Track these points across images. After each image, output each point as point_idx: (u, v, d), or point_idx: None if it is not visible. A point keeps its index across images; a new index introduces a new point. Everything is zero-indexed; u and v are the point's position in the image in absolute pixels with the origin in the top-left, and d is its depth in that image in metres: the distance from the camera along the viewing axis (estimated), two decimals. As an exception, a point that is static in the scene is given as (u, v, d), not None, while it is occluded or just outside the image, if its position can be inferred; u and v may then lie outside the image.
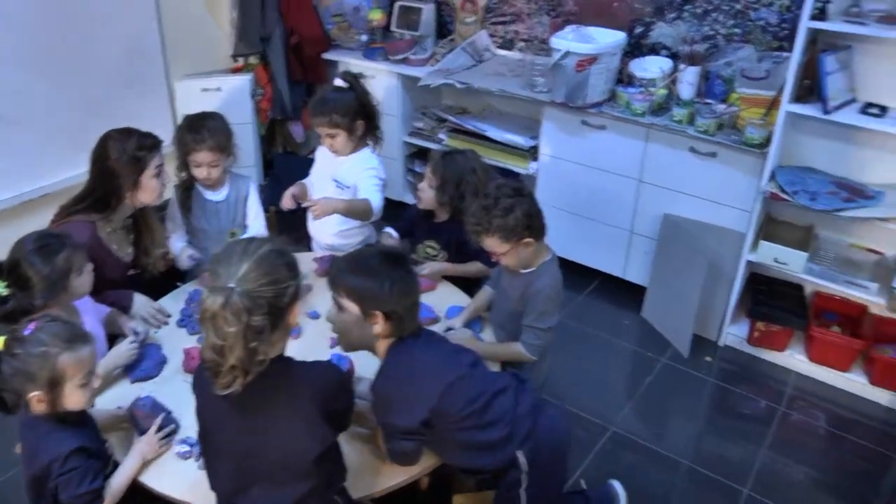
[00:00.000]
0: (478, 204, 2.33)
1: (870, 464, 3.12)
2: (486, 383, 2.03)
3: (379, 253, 2.01)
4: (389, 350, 1.97)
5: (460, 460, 2.05)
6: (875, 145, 3.28)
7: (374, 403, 1.99)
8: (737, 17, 3.60)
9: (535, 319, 2.38)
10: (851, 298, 3.44)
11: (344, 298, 1.93)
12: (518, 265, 2.39)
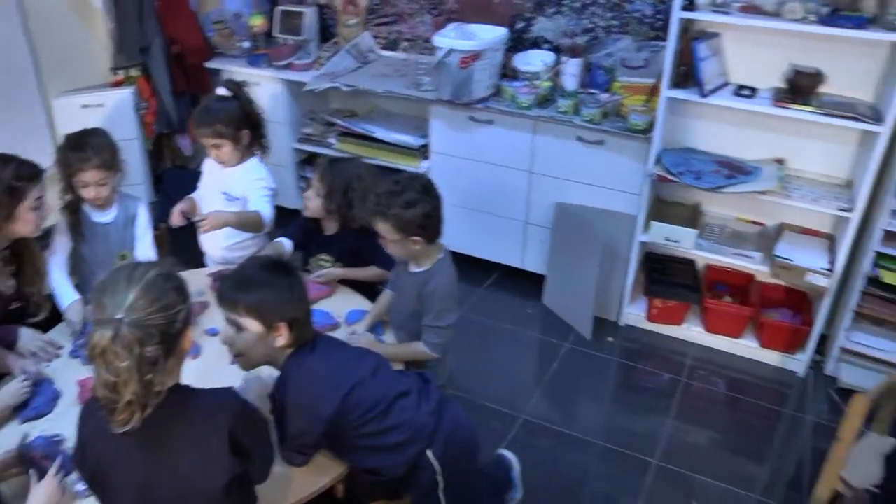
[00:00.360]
0: (386, 186, 2.34)
1: (765, 420, 3.31)
2: (388, 387, 2.04)
3: (264, 264, 1.99)
4: (288, 359, 1.96)
5: (362, 462, 2.04)
6: (750, 124, 3.46)
7: (273, 412, 1.97)
8: (614, 9, 3.73)
9: (434, 319, 2.41)
10: (739, 269, 3.63)
11: (244, 318, 1.90)
12: (402, 256, 2.42)
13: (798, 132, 3.40)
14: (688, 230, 3.47)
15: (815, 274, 3.30)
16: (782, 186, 3.28)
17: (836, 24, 2.97)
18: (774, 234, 3.59)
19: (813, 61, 3.23)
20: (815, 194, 3.29)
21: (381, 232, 2.36)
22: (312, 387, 1.93)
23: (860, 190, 3.16)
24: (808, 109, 3.14)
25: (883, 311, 3.28)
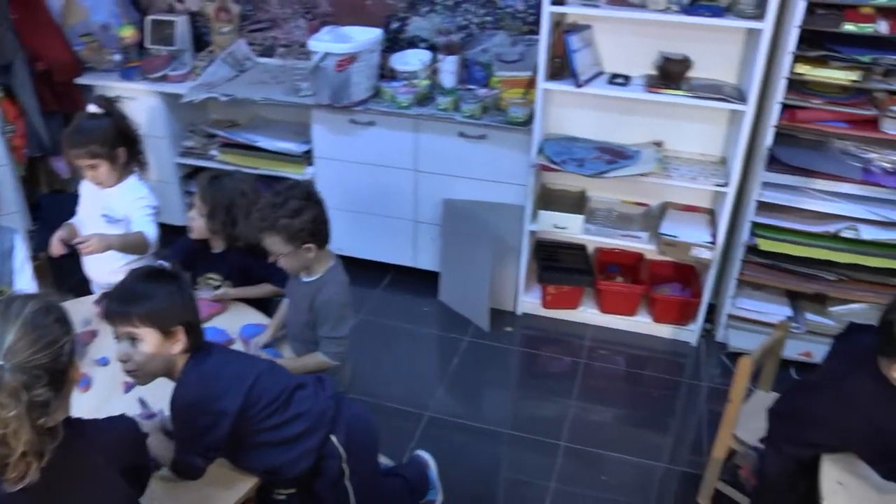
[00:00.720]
0: (267, 200, 2.30)
1: (664, 391, 3.45)
2: (286, 380, 2.05)
3: (146, 273, 1.94)
4: (187, 364, 1.91)
5: (267, 461, 2.01)
6: (627, 110, 3.58)
7: (174, 417, 1.92)
8: (486, 6, 3.79)
9: (331, 329, 2.38)
10: (628, 249, 3.76)
11: (139, 328, 1.83)
12: (296, 269, 2.39)
13: (673, 115, 3.54)
14: (575, 216, 3.57)
15: (699, 248, 3.45)
16: (662, 168, 3.41)
17: (697, 12, 3.14)
18: (658, 213, 3.73)
19: (681, 48, 3.37)
20: (692, 173, 3.44)
21: (271, 248, 2.31)
22: (216, 383, 1.90)
23: (733, 166, 3.34)
24: (679, 93, 3.29)
25: (762, 276, 3.46)
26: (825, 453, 2.13)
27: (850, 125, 3.16)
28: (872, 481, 2.04)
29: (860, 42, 3.01)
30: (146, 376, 1.93)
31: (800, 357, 3.43)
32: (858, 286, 3.36)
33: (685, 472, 3.00)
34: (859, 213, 3.26)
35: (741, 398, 2.49)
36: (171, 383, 1.91)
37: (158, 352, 1.86)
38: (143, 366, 1.89)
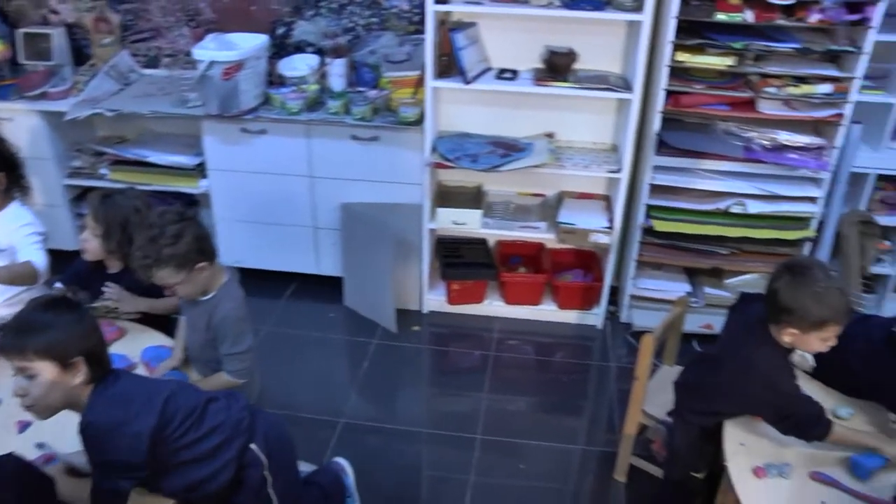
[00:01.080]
0: (143, 236, 2.20)
1: (575, 375, 3.53)
2: (197, 395, 2.01)
3: (44, 303, 1.85)
4: (93, 393, 1.83)
5: (188, 478, 1.94)
6: (517, 104, 3.64)
7: (88, 445, 1.82)
8: (371, 7, 3.77)
9: (232, 345, 2.32)
10: (529, 240, 3.83)
11: (35, 362, 1.75)
12: (195, 293, 2.30)
13: (563, 107, 3.62)
14: (473, 211, 3.61)
15: (597, 233, 3.53)
16: (555, 158, 3.48)
17: (579, 7, 3.22)
18: (555, 202, 3.80)
19: (566, 41, 3.45)
20: (585, 161, 3.53)
21: (164, 281, 2.23)
22: (127, 406, 1.83)
23: (624, 152, 3.44)
24: (566, 85, 3.37)
25: (660, 256, 3.59)
26: (727, 419, 2.21)
27: (730, 107, 3.32)
28: (771, 437, 2.14)
29: (732, 30, 3.17)
30: (45, 411, 1.84)
31: (701, 329, 3.57)
32: (749, 258, 3.53)
33: (601, 451, 3.07)
34: (745, 188, 3.42)
35: (647, 375, 2.57)
36: (70, 423, 1.81)
37: (57, 384, 1.77)
38: (41, 400, 1.80)
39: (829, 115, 3.28)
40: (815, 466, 2.05)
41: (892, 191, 3.72)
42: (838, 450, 2.09)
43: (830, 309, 1.96)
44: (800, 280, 2.00)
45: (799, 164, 3.36)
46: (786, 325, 2.03)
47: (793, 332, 2.03)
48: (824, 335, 2.01)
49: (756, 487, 1.99)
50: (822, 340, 2.03)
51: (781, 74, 3.22)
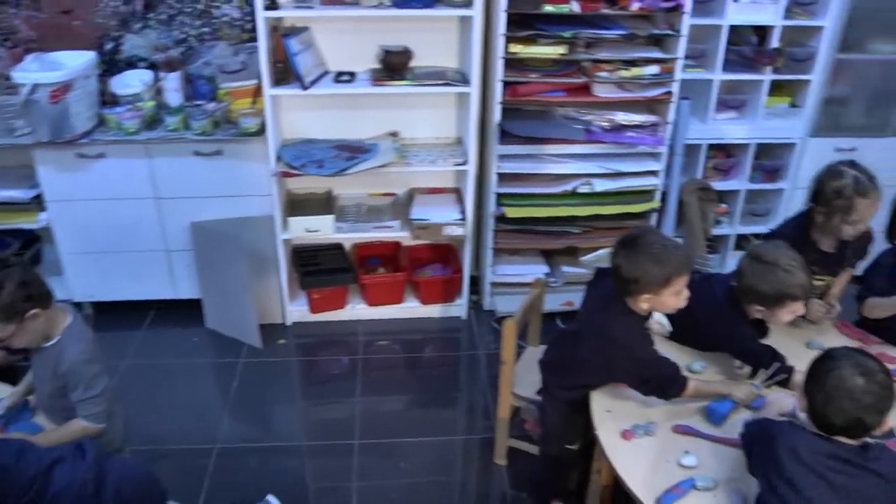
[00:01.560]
0: None
1: (445, 368, 3.59)
2: (38, 462, 1.84)
3: None
4: None
5: None
6: (358, 106, 3.64)
7: None
8: (202, 16, 3.65)
9: (85, 391, 2.16)
10: (384, 240, 3.84)
11: None
12: (34, 341, 2.14)
13: (404, 105, 3.65)
14: (325, 217, 3.58)
15: (450, 226, 3.60)
16: (401, 156, 3.51)
17: (409, 5, 3.25)
18: (407, 200, 3.84)
19: (401, 40, 3.48)
20: (432, 156, 3.57)
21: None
22: None
23: (469, 144, 3.52)
24: (404, 84, 3.40)
25: (515, 241, 3.70)
26: (593, 390, 2.30)
27: (567, 93, 3.47)
28: (634, 400, 2.25)
29: (561, 20, 3.31)
30: None
31: (563, 307, 3.70)
32: (601, 233, 3.69)
33: (480, 438, 3.12)
34: (590, 169, 3.58)
35: (513, 358, 2.63)
36: None
37: None
38: None
39: (659, 94, 3.49)
40: (676, 420, 2.18)
41: (722, 158, 4.00)
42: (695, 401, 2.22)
43: (670, 264, 2.08)
44: (635, 250, 2.11)
45: (637, 141, 3.55)
46: (637, 293, 2.13)
47: (646, 297, 2.13)
48: (675, 289, 2.12)
49: (625, 449, 2.08)
50: (676, 295, 2.14)
51: (611, 59, 3.40)
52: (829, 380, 1.70)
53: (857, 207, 2.47)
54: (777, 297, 2.21)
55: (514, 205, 3.57)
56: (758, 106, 3.79)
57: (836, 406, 1.67)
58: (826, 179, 2.53)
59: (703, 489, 1.93)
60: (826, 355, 1.78)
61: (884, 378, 1.69)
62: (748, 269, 2.25)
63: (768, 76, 3.71)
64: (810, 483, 1.67)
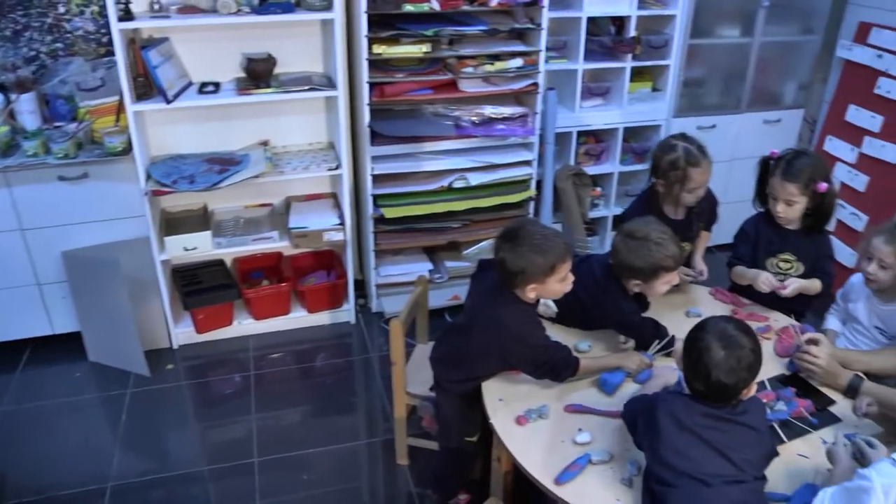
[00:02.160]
0: None
1: (340, 374, 3.56)
2: None
3: None
4: None
5: None
6: (226, 116, 3.57)
7: None
8: (52, 31, 3.45)
9: None
10: (265, 251, 3.78)
11: None
12: None
13: (273, 112, 3.60)
14: (202, 234, 3.49)
15: (330, 232, 3.58)
16: (274, 165, 3.46)
17: (268, 11, 3.21)
18: (284, 209, 3.79)
19: (265, 47, 3.43)
20: (305, 163, 3.54)
21: None
22: None
23: (341, 148, 3.51)
24: (270, 91, 3.35)
25: (396, 241, 3.71)
26: (485, 381, 2.34)
27: (435, 90, 3.50)
28: (526, 386, 2.30)
29: (423, 19, 3.34)
30: None
31: (450, 302, 3.74)
32: (481, 226, 3.77)
33: (381, 440, 3.12)
34: (464, 163, 3.64)
35: (403, 358, 2.64)
36: None
37: None
38: None
39: (526, 86, 3.58)
40: (567, 400, 2.24)
41: (593, 143, 4.15)
42: (586, 379, 2.32)
43: (553, 253, 2.15)
44: (517, 242, 2.16)
45: (507, 132, 3.63)
46: (524, 284, 2.18)
47: (533, 286, 2.19)
48: (560, 276, 2.20)
49: (521, 435, 2.12)
50: (561, 281, 2.21)
51: (476, 55, 3.46)
52: (694, 352, 1.79)
53: (692, 176, 2.69)
54: (652, 270, 2.32)
55: (392, 205, 3.58)
56: (622, 92, 3.96)
57: (701, 373, 1.77)
58: (660, 154, 2.73)
59: (598, 463, 2.00)
60: (697, 326, 1.86)
61: (747, 352, 1.77)
62: (622, 247, 2.35)
63: (629, 63, 3.89)
64: (691, 444, 1.76)
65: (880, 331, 2.67)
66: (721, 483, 1.73)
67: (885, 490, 1.53)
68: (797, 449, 2.08)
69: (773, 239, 2.78)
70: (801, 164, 2.63)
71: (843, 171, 4.20)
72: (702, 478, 1.73)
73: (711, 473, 1.73)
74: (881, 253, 2.52)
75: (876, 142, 3.99)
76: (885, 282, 2.55)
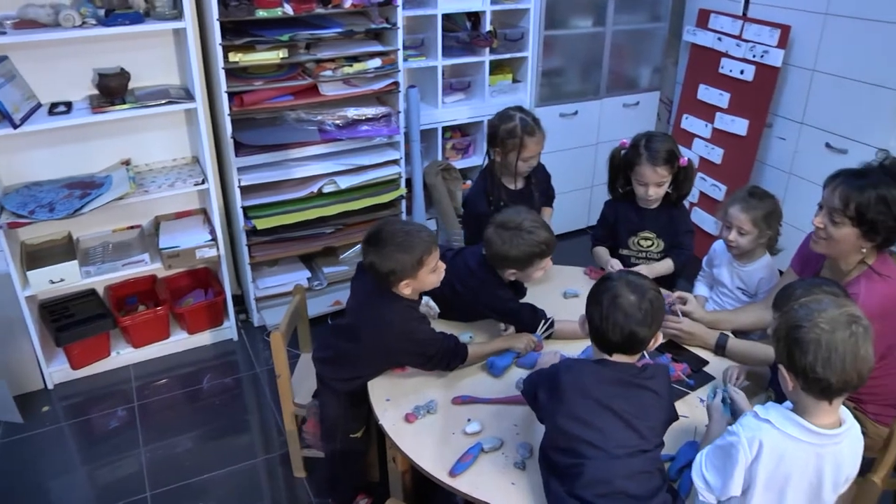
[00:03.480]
0: None
1: (228, 394, 3.46)
2: None
3: None
4: None
5: None
6: (83, 137, 3.40)
7: None
8: None
9: None
10: (138, 276, 3.63)
11: None
12: None
13: (132, 130, 3.47)
14: (68, 264, 3.31)
15: (202, 249, 3.49)
16: (137, 185, 3.33)
17: (116, 23, 3.07)
18: (154, 229, 3.66)
19: (117, 61, 3.30)
20: (170, 180, 3.42)
21: None
22: None
23: (205, 162, 3.41)
24: (126, 107, 3.22)
25: (271, 252, 3.65)
26: (372, 378, 2.34)
27: (296, 96, 3.46)
28: (412, 382, 2.32)
29: (277, 24, 3.29)
30: None
31: (333, 308, 3.72)
32: (355, 229, 3.76)
33: (278, 455, 3.06)
34: (332, 167, 3.62)
35: (287, 369, 2.59)
36: None
37: None
38: None
39: (386, 86, 3.59)
40: (454, 392, 2.26)
41: (459, 137, 4.19)
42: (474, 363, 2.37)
43: (418, 247, 2.19)
44: (381, 244, 2.20)
45: (372, 133, 3.62)
46: (397, 282, 2.21)
47: (407, 282, 2.21)
48: (430, 267, 2.24)
49: (411, 432, 2.12)
50: (432, 271, 2.26)
51: (334, 57, 3.43)
52: (605, 298, 1.82)
53: (527, 145, 2.83)
54: (527, 259, 2.38)
55: (264, 216, 3.52)
56: (483, 85, 4.04)
57: (613, 321, 1.79)
58: (498, 123, 2.88)
59: (490, 450, 2.02)
60: (604, 277, 1.91)
61: (654, 295, 1.83)
62: (495, 238, 2.39)
63: (487, 57, 3.97)
64: (597, 413, 1.77)
65: (742, 291, 2.84)
66: (626, 455, 1.74)
67: (750, 442, 1.63)
68: (678, 410, 2.17)
69: (632, 218, 2.94)
70: (660, 145, 2.79)
71: (700, 146, 4.42)
72: (608, 448, 1.74)
73: (618, 444, 1.74)
74: (739, 221, 2.69)
75: (726, 117, 4.23)
76: (745, 246, 2.73)
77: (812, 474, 1.64)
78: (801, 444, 1.62)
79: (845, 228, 2.18)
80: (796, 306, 1.64)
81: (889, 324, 2.16)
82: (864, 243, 2.19)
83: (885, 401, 2.33)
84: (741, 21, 4.10)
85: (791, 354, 1.60)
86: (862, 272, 2.22)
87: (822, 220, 2.24)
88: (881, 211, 2.12)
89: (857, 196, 2.14)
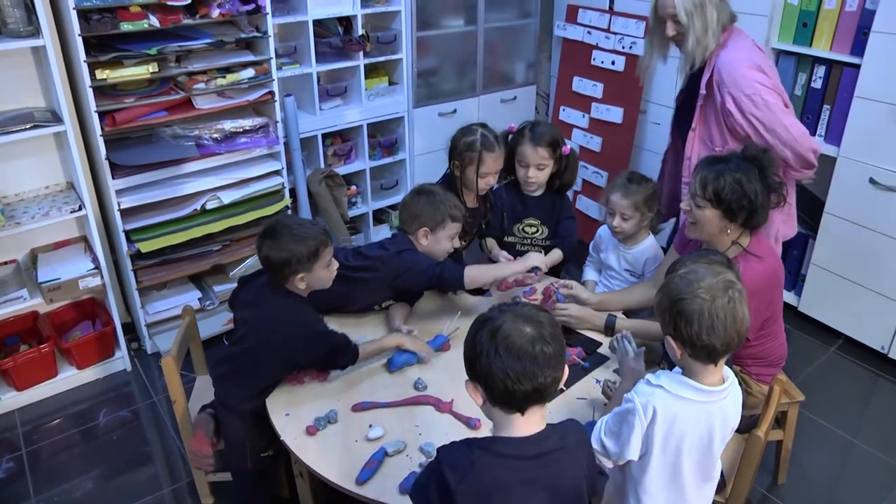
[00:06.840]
0: None
1: (127, 427, 3.30)
2: None
3: None
4: None
5: None
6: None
7: None
8: None
9: None
10: (18, 313, 3.43)
11: None
12: None
13: (-1, 158, 3.28)
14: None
15: (86, 279, 3.33)
16: (6, 218, 3.16)
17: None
18: (31, 263, 3.49)
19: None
20: (43, 209, 3.26)
21: None
22: None
23: (81, 186, 3.26)
24: (-13, 133, 3.03)
25: (159, 275, 3.53)
26: (270, 392, 2.32)
27: (169, 111, 3.35)
28: (310, 394, 2.30)
29: (144, 37, 3.17)
30: None
31: (226, 327, 3.63)
32: (242, 244, 3.70)
33: (186, 483, 2.95)
34: (213, 183, 3.54)
35: (182, 394, 2.48)
36: None
37: None
38: None
39: (261, 96, 3.54)
40: (353, 400, 2.26)
41: (340, 143, 4.18)
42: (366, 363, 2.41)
43: (313, 239, 2.23)
44: (276, 236, 2.22)
45: (251, 145, 3.57)
46: (292, 275, 2.23)
47: (301, 276, 2.24)
48: (324, 261, 2.27)
49: (314, 444, 2.09)
50: (326, 267, 2.29)
51: (205, 69, 3.35)
52: (502, 344, 1.44)
53: (485, 160, 2.86)
54: (441, 217, 2.61)
55: (147, 238, 3.40)
56: (360, 89, 4.05)
57: (524, 371, 1.43)
58: (459, 136, 2.92)
59: (394, 454, 2.03)
60: (480, 324, 1.53)
61: (549, 318, 1.52)
62: (411, 201, 2.66)
63: (362, 61, 3.98)
64: None
65: (630, 272, 2.95)
66: None
67: (644, 407, 1.71)
68: (576, 393, 2.25)
69: (517, 206, 3.03)
70: (543, 129, 2.93)
71: (579, 136, 4.54)
72: None
73: None
74: (621, 207, 2.81)
75: (601, 106, 4.37)
76: (629, 231, 2.85)
77: (704, 431, 1.74)
78: (693, 403, 1.72)
79: (707, 210, 2.32)
80: (676, 279, 1.73)
81: (765, 298, 2.33)
82: (728, 224, 2.33)
83: (765, 363, 2.49)
84: (608, 15, 4.25)
85: (677, 325, 1.69)
86: (738, 253, 2.34)
87: (688, 203, 2.39)
88: (735, 191, 2.26)
89: (713, 179, 2.29)
